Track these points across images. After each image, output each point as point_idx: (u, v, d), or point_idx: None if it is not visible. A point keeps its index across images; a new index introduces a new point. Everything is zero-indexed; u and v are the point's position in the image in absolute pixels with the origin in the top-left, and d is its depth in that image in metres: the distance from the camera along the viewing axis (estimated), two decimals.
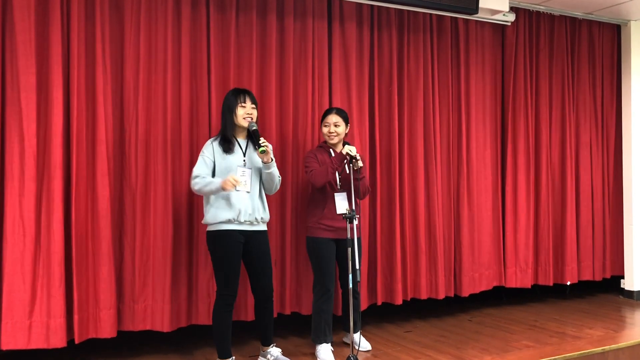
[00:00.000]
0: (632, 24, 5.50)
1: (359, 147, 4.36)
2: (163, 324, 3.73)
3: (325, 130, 3.82)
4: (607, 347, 3.74)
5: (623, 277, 5.56)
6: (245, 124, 3.43)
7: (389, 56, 4.58)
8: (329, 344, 3.78)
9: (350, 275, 3.40)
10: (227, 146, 3.41)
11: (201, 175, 3.37)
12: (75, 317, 3.48)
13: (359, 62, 4.46)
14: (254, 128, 3.40)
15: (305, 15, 4.25)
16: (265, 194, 3.58)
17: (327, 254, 3.74)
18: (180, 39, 3.88)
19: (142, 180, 3.77)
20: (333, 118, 3.80)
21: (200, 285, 3.91)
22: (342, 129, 3.82)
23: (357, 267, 3.30)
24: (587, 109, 5.45)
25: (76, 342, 3.51)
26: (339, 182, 3.76)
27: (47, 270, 3.43)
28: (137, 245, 3.74)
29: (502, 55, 5.14)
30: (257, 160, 3.45)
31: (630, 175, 5.51)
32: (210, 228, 3.43)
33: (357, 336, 3.93)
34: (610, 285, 5.67)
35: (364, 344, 3.94)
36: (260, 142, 3.32)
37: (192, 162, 3.90)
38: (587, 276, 5.40)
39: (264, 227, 3.54)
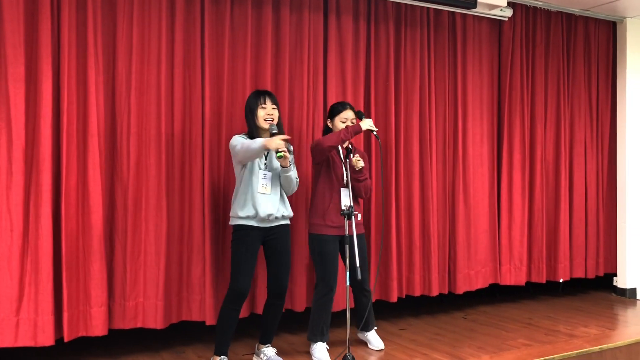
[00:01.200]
0: (628, 21, 5.48)
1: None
2: (156, 321, 3.66)
3: (342, 126, 3.74)
4: (604, 346, 3.73)
5: (615, 275, 5.57)
6: (265, 125, 3.39)
7: (385, 50, 4.52)
8: (325, 343, 3.72)
9: (348, 273, 3.34)
10: None
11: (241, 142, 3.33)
12: (65, 314, 3.39)
13: (355, 56, 4.39)
14: (275, 131, 3.33)
15: (302, 7, 4.18)
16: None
17: (331, 252, 3.68)
18: (173, 30, 3.79)
19: (134, 175, 3.68)
20: (351, 114, 3.76)
21: (192, 282, 3.83)
22: None
23: (357, 264, 3.23)
24: (581, 106, 5.43)
25: (65, 340, 3.42)
26: (346, 177, 3.69)
27: (36, 266, 3.33)
28: (129, 241, 3.65)
29: (499, 50, 5.11)
30: (277, 163, 3.40)
31: (624, 173, 5.51)
32: (232, 222, 3.45)
33: (371, 335, 3.89)
34: (602, 283, 5.67)
35: (377, 343, 3.87)
36: (278, 143, 3.25)
37: (185, 156, 3.84)
38: (579, 274, 5.39)
39: (286, 221, 3.51)
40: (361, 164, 3.66)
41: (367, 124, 3.66)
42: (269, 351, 3.57)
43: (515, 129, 5.06)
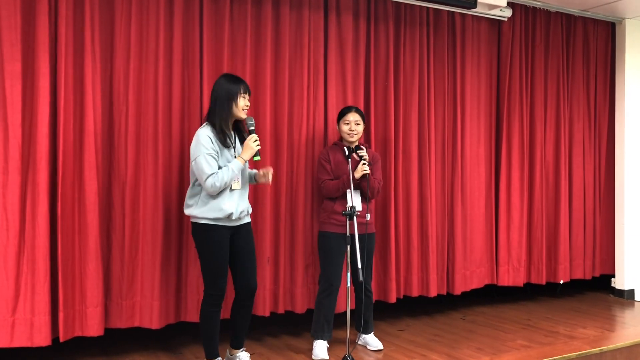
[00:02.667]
0: (627, 21, 5.47)
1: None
2: (152, 321, 3.62)
3: (345, 128, 3.78)
4: (604, 348, 3.72)
5: (613, 276, 5.56)
6: (244, 115, 3.24)
7: (385, 49, 4.49)
8: (326, 341, 3.71)
9: (349, 273, 3.31)
10: (225, 140, 3.17)
11: (215, 172, 3.09)
12: (61, 314, 3.36)
13: (355, 55, 4.37)
14: (252, 128, 3.24)
15: (302, 5, 4.15)
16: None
17: (336, 249, 3.67)
18: (172, 27, 3.75)
19: (131, 173, 3.64)
20: (354, 116, 3.78)
21: (189, 281, 3.80)
22: (361, 127, 3.83)
23: (359, 265, 3.20)
24: (580, 106, 5.42)
25: (61, 340, 3.38)
26: (353, 178, 3.67)
27: (32, 265, 3.29)
28: (126, 241, 3.62)
29: (498, 51, 5.09)
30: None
31: (623, 174, 5.50)
32: (196, 220, 3.21)
33: (369, 337, 3.87)
34: (599, 284, 5.66)
35: (376, 343, 3.85)
36: (256, 149, 3.19)
37: (184, 155, 3.80)
38: (578, 275, 5.38)
39: (248, 219, 3.39)
40: (359, 173, 3.65)
41: (359, 171, 3.65)
42: (244, 355, 3.44)
43: (514, 129, 5.04)
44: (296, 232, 4.10)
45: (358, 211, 3.44)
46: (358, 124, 3.79)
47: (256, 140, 3.20)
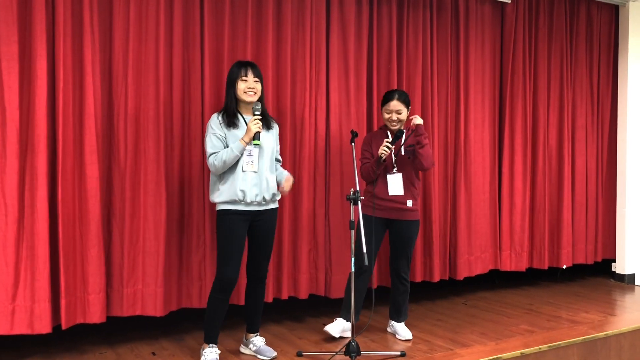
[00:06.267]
0: (631, 4, 5.42)
1: (355, 126, 4.22)
2: (156, 308, 3.57)
3: (386, 116, 3.71)
4: (609, 332, 3.71)
5: (614, 261, 5.56)
6: (246, 98, 3.22)
7: (388, 32, 4.41)
8: (345, 320, 3.68)
9: (353, 259, 3.26)
10: (231, 120, 3.21)
11: (216, 152, 3.15)
12: (62, 301, 3.29)
13: (358, 38, 4.29)
14: (257, 113, 3.18)
15: None
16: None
17: (370, 232, 3.59)
18: (172, 7, 3.65)
19: (131, 158, 3.56)
20: (396, 105, 3.68)
21: (192, 268, 3.75)
22: (404, 115, 3.72)
23: (364, 250, 3.15)
24: (583, 90, 5.38)
25: (63, 327, 3.32)
26: (395, 164, 3.63)
27: (31, 252, 3.22)
28: (127, 227, 3.55)
29: (502, 33, 5.02)
30: (263, 138, 3.22)
31: (625, 159, 5.48)
32: (217, 207, 3.24)
33: (399, 326, 3.81)
34: (600, 269, 5.66)
35: (404, 333, 3.76)
36: (255, 134, 3.12)
37: (185, 139, 3.73)
38: (580, 259, 5.38)
39: (274, 205, 3.35)
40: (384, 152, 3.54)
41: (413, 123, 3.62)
42: (258, 341, 3.43)
43: (517, 113, 4.99)
44: (299, 217, 4.04)
45: (361, 197, 3.36)
46: (400, 113, 3.67)
47: (257, 123, 3.14)
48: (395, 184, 3.64)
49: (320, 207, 4.15)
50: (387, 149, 3.53)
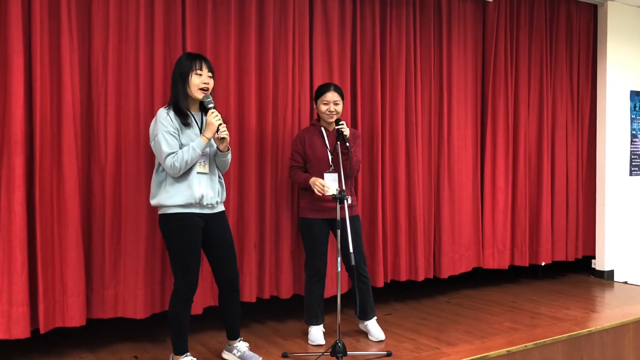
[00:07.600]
0: (609, 4, 5.48)
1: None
2: (136, 310, 3.50)
3: (323, 108, 3.59)
4: (592, 329, 3.74)
5: (594, 258, 5.62)
6: (200, 95, 3.02)
7: (371, 30, 4.39)
8: (320, 326, 3.65)
9: (339, 258, 3.24)
10: (184, 119, 2.99)
11: (175, 152, 2.95)
12: (40, 305, 3.21)
13: (341, 36, 4.26)
14: (211, 105, 3.01)
15: None
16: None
17: (319, 235, 3.59)
18: (153, 4, 3.58)
19: (112, 158, 3.49)
20: (333, 95, 3.58)
21: None
22: (340, 107, 3.62)
23: (351, 249, 3.12)
24: (563, 89, 5.43)
25: (41, 331, 3.24)
26: (331, 162, 3.58)
27: (8, 254, 3.12)
28: (107, 228, 3.47)
29: (483, 32, 5.04)
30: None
31: (604, 156, 5.54)
32: (165, 211, 3.02)
33: (370, 324, 3.72)
34: (580, 265, 5.72)
35: (377, 334, 3.67)
36: (219, 127, 2.96)
37: None
38: (560, 257, 5.42)
39: (222, 208, 3.23)
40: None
41: (341, 128, 3.50)
42: (242, 346, 3.30)
43: (499, 111, 5.01)
44: (281, 216, 4.00)
45: (347, 197, 3.32)
46: (337, 104, 3.58)
47: (217, 116, 2.98)
48: (332, 183, 3.53)
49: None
50: (321, 191, 3.45)
